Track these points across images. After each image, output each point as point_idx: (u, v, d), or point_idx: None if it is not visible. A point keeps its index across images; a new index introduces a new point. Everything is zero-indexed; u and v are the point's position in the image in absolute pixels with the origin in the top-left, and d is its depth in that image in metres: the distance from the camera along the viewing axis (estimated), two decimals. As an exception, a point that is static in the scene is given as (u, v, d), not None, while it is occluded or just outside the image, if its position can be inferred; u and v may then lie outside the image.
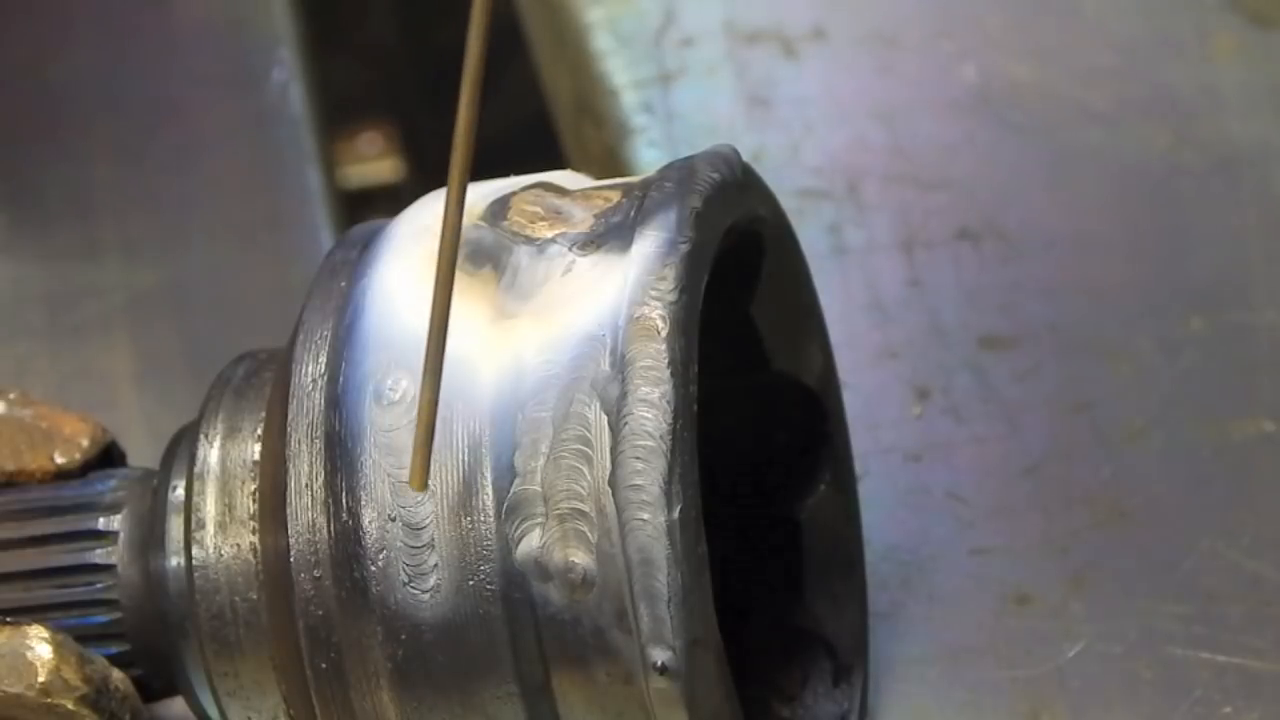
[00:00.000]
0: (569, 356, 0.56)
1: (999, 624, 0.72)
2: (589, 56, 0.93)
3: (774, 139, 0.89)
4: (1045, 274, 0.84)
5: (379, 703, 0.57)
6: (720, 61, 0.93)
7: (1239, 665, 0.70)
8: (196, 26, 0.97)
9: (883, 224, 0.86)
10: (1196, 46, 0.92)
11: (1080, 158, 0.88)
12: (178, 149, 0.92)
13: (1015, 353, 0.81)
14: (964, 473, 0.77)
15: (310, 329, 0.60)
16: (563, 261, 0.58)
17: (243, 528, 0.61)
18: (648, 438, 0.54)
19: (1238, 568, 0.73)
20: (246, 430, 0.62)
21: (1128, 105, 0.90)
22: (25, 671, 0.61)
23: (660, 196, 0.58)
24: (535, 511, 0.55)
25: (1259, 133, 0.89)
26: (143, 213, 0.90)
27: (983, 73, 0.92)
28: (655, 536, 0.54)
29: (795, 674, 0.68)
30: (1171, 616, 0.72)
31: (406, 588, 0.56)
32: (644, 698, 0.56)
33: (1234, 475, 0.76)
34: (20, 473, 0.66)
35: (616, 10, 0.95)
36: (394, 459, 0.56)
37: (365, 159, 1.22)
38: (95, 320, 0.86)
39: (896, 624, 0.72)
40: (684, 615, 0.54)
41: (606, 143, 0.91)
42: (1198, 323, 0.81)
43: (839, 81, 0.92)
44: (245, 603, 0.60)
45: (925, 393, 0.79)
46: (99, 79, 0.95)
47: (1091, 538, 0.74)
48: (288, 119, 0.93)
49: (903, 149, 0.89)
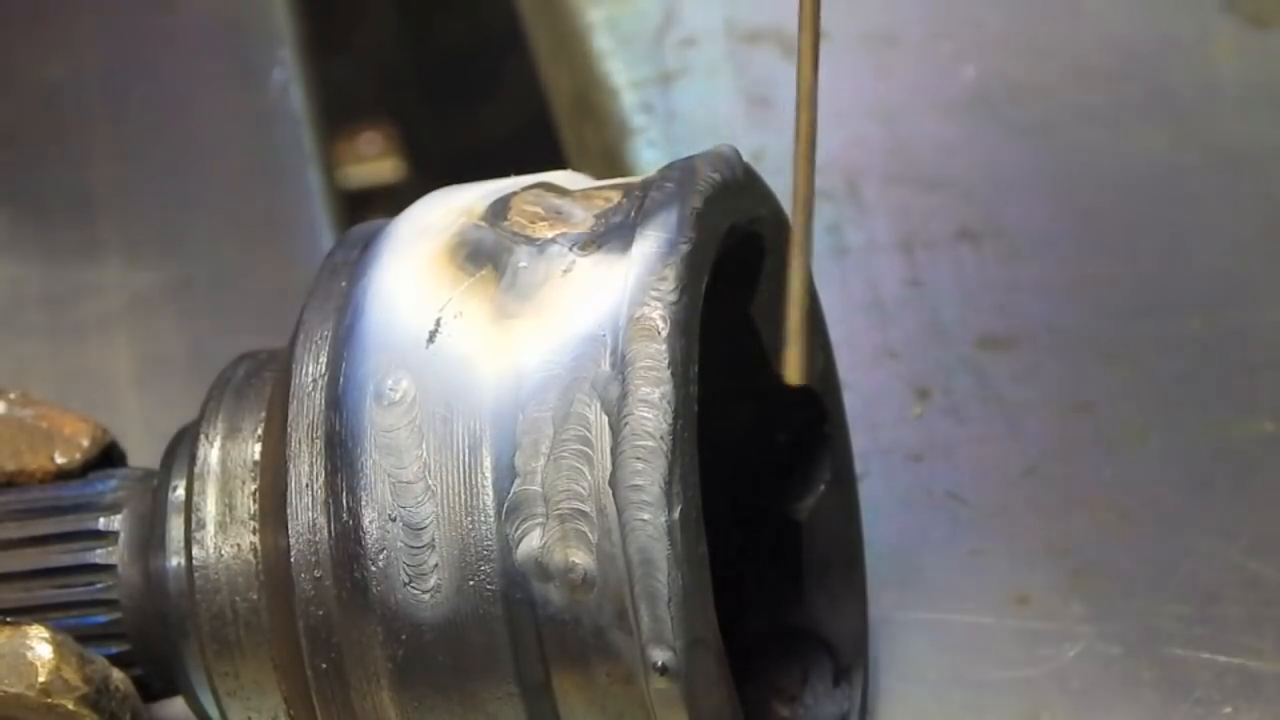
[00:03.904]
0: (569, 357, 0.56)
1: (999, 624, 0.72)
2: (589, 56, 0.93)
3: (774, 139, 0.89)
4: (1045, 274, 0.84)
5: (379, 703, 0.57)
6: (720, 61, 0.93)
7: (1239, 665, 0.70)
8: (196, 26, 0.97)
9: (883, 224, 0.86)
10: (1196, 46, 0.92)
11: (1080, 158, 0.88)
12: (178, 149, 0.92)
13: (1015, 353, 0.81)
14: (964, 473, 0.77)
15: (310, 329, 0.60)
16: (563, 262, 0.58)
17: (243, 528, 0.61)
18: (648, 438, 0.54)
19: (1238, 568, 0.73)
20: (247, 430, 0.62)
21: (1128, 105, 0.90)
22: (25, 671, 0.61)
23: (660, 197, 0.58)
24: (536, 511, 0.55)
25: (1259, 133, 0.89)
26: (143, 213, 0.90)
27: (983, 73, 0.92)
28: (655, 536, 0.54)
29: (795, 674, 0.68)
30: (1171, 616, 0.72)
31: (407, 588, 0.56)
32: (644, 698, 0.56)
33: (1234, 475, 0.76)
34: (20, 473, 0.66)
35: (616, 10, 0.95)
36: (394, 459, 0.56)
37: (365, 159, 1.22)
38: (95, 320, 0.86)
39: (896, 624, 0.72)
40: (684, 615, 0.54)
41: (606, 143, 0.91)
42: (1198, 323, 0.81)
43: (839, 81, 0.92)
44: (245, 603, 0.60)
45: (925, 393, 0.79)
46: (99, 79, 0.95)
47: (1091, 538, 0.74)
48: (288, 119, 0.93)
49: (902, 149, 0.89)
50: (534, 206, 0.60)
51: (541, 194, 0.60)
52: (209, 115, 0.93)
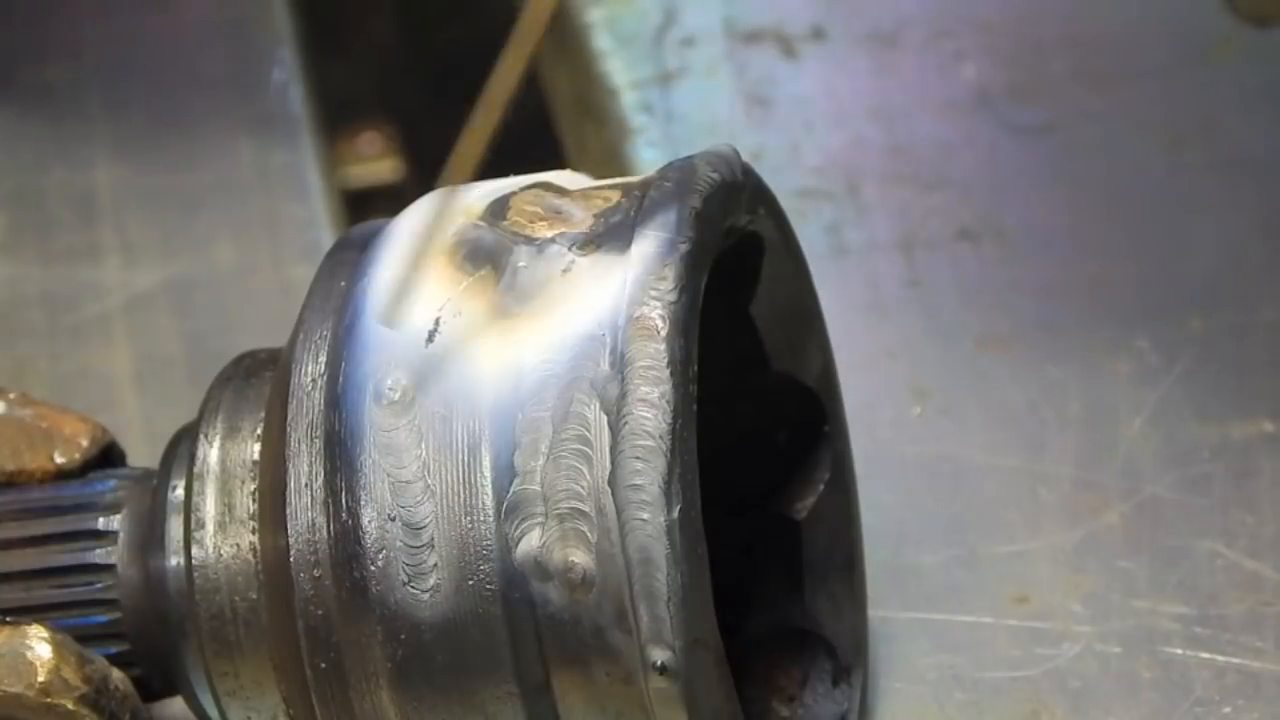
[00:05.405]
0: (568, 356, 0.56)
1: (999, 624, 0.72)
2: (589, 56, 0.93)
3: (774, 139, 0.89)
4: (1044, 274, 0.84)
5: (379, 703, 0.57)
6: (720, 61, 0.93)
7: (1239, 665, 0.70)
8: (196, 26, 0.97)
9: (883, 224, 0.86)
10: (1196, 46, 0.92)
11: (1080, 158, 0.88)
12: (178, 149, 0.92)
13: (1014, 353, 0.81)
14: (964, 473, 0.77)
15: (310, 329, 0.60)
16: (562, 261, 0.58)
17: (242, 527, 0.61)
18: (647, 437, 0.54)
19: (1238, 568, 0.73)
20: (246, 430, 0.62)
21: (1128, 105, 0.90)
22: (25, 671, 0.61)
23: (660, 196, 0.58)
24: (535, 511, 0.55)
25: (1259, 133, 0.89)
26: (143, 213, 0.90)
27: (983, 73, 0.92)
28: (655, 536, 0.54)
29: (795, 674, 0.68)
30: (1171, 616, 0.72)
31: (406, 587, 0.56)
32: (644, 697, 0.56)
33: (1234, 475, 0.76)
34: (20, 473, 0.66)
35: (616, 10, 0.95)
36: (394, 458, 0.56)
37: (365, 159, 1.21)
38: (95, 320, 0.86)
39: (896, 624, 0.72)
40: (684, 615, 0.54)
41: (606, 143, 0.91)
42: (1197, 323, 0.81)
43: (839, 81, 0.92)
44: (245, 602, 0.60)
45: (925, 393, 0.79)
46: (99, 79, 0.95)
47: (1091, 538, 0.74)
48: (288, 119, 0.93)
49: (902, 149, 0.89)
50: (533, 206, 0.60)
51: (541, 194, 0.60)
52: (209, 115, 0.93)
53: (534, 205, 0.60)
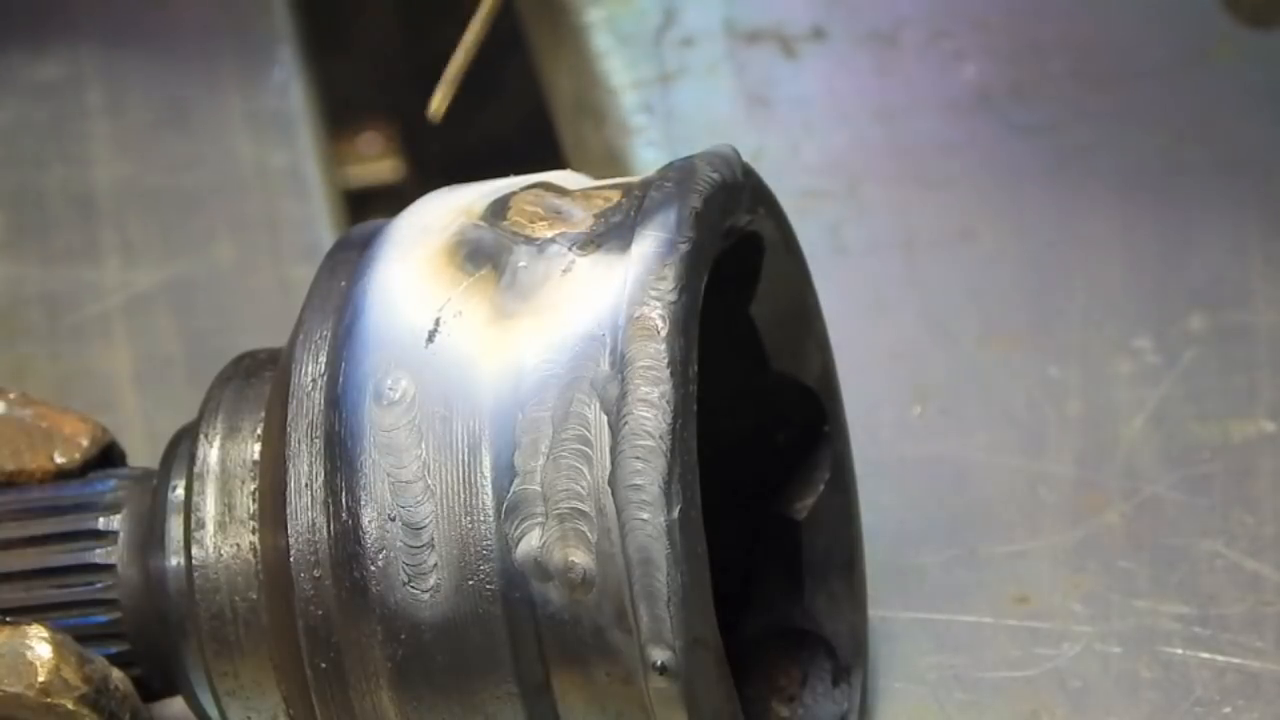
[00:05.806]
0: (568, 356, 0.56)
1: (999, 624, 0.72)
2: (589, 56, 0.93)
3: (774, 139, 0.89)
4: (1045, 274, 0.84)
5: (379, 703, 0.57)
6: (720, 61, 0.93)
7: (1239, 665, 0.70)
8: (196, 26, 0.97)
9: (883, 224, 0.86)
10: (1196, 46, 0.92)
11: (1080, 158, 0.88)
12: (178, 149, 0.92)
13: (1015, 353, 0.81)
14: (964, 472, 0.77)
15: (310, 329, 0.60)
16: (562, 261, 0.58)
17: (242, 527, 0.61)
18: (647, 437, 0.54)
19: (1238, 568, 0.73)
20: (246, 430, 0.62)
21: (1128, 105, 0.90)
22: (25, 671, 0.61)
23: (660, 196, 0.58)
24: (535, 511, 0.55)
25: (1259, 133, 0.89)
26: (143, 213, 0.90)
27: (983, 72, 0.92)
28: (655, 536, 0.54)
29: (795, 674, 0.68)
30: (1171, 616, 0.72)
31: (406, 587, 0.56)
32: (644, 697, 0.56)
33: (1234, 475, 0.76)
34: (20, 473, 0.66)
35: (616, 10, 0.95)
36: (394, 458, 0.56)
37: (365, 159, 1.21)
38: (95, 320, 0.86)
39: (896, 624, 0.72)
40: (684, 615, 0.54)
41: (606, 143, 0.91)
42: (1198, 323, 0.81)
43: (839, 81, 0.92)
44: (245, 603, 0.60)
45: (925, 393, 0.79)
46: (99, 78, 0.95)
47: (1091, 538, 0.74)
48: (288, 118, 0.93)
49: (903, 149, 0.89)
50: (534, 206, 0.60)
51: (541, 194, 0.60)
52: (209, 115, 0.93)
53: (534, 205, 0.60)
